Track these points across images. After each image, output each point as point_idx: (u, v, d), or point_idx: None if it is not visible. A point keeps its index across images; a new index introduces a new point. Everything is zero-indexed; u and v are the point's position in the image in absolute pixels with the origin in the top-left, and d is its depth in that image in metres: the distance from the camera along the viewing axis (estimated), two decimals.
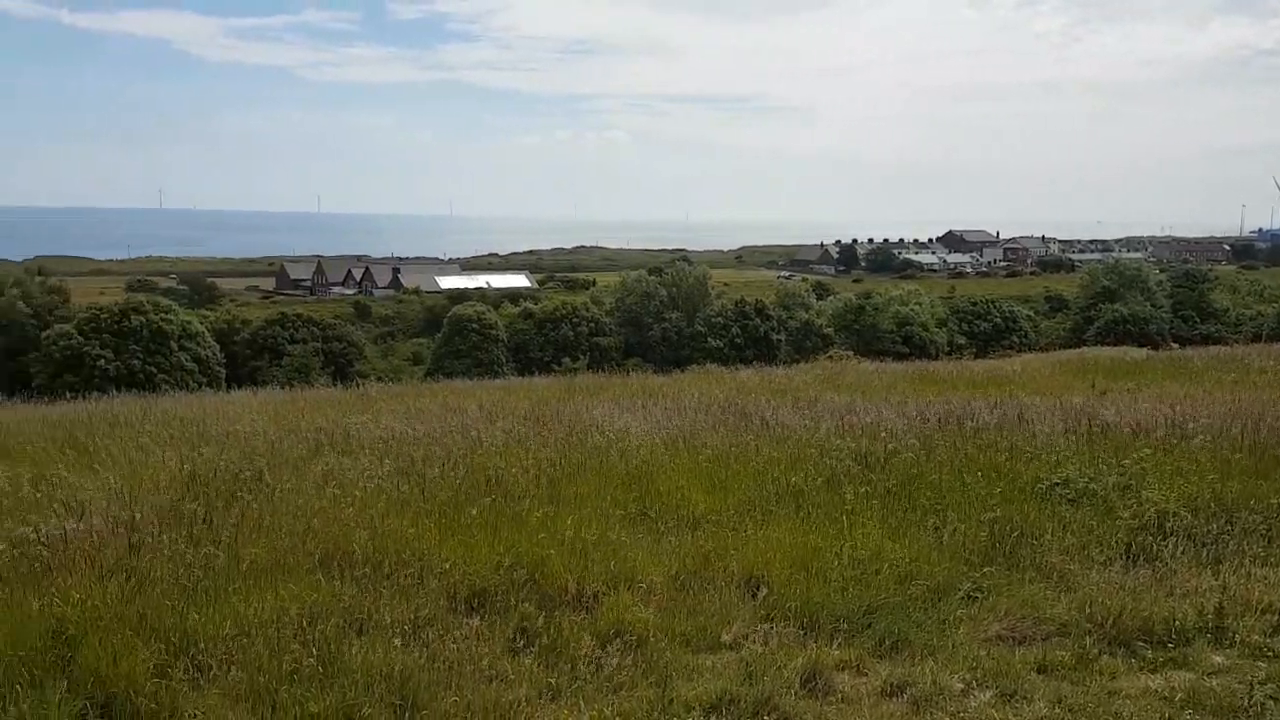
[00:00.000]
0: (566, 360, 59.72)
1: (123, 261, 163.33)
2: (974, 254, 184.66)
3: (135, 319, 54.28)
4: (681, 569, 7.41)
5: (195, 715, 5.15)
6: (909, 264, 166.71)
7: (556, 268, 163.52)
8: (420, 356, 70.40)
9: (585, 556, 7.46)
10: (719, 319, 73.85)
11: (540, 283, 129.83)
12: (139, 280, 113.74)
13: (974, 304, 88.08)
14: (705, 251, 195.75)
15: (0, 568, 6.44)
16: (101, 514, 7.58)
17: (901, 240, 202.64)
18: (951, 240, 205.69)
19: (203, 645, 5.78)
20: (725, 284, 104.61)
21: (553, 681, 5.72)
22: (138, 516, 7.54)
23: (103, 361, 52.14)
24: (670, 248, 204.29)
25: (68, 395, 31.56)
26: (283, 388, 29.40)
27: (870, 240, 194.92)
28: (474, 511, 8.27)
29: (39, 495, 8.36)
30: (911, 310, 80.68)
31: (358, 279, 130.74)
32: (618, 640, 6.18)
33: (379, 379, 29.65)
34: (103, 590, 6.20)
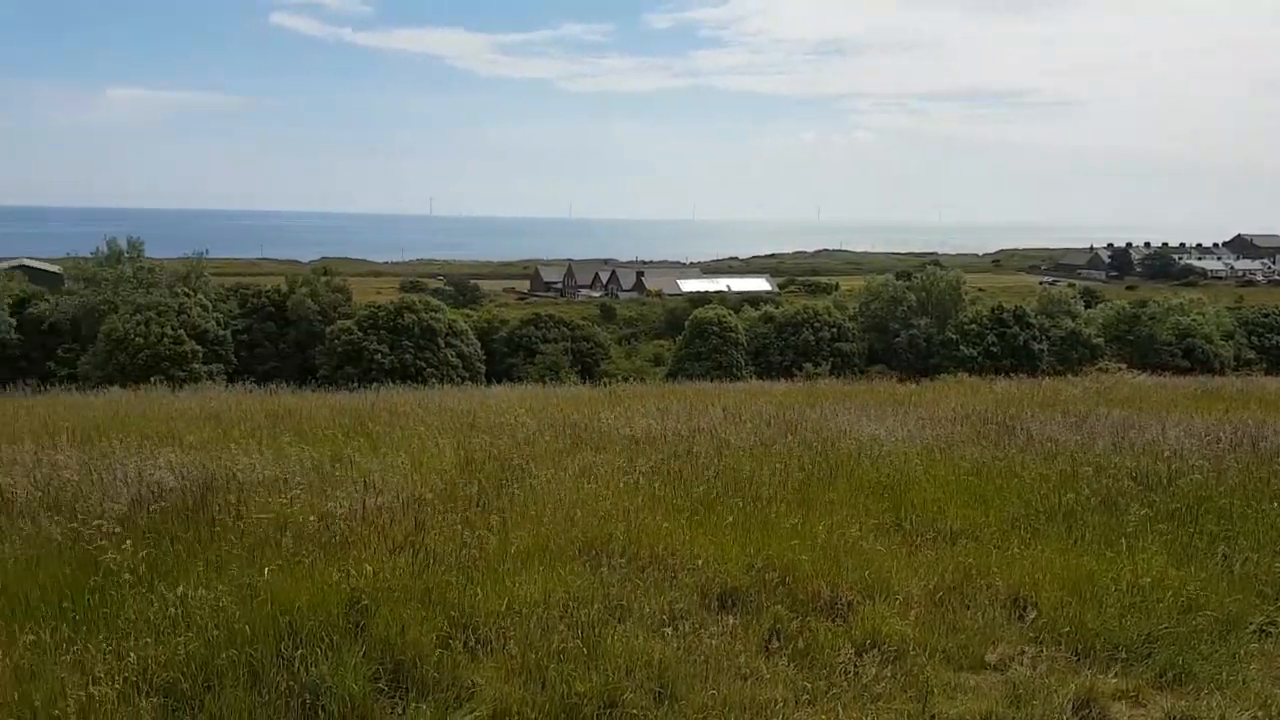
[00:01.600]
0: (808, 365, 59.07)
1: (397, 264, 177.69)
2: (1265, 260, 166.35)
3: (408, 317, 58.88)
4: (939, 584, 7.17)
5: (475, 685, 5.52)
6: (1190, 270, 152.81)
7: (797, 271, 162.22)
8: (661, 358, 71.91)
9: (837, 563, 7.38)
10: (973, 326, 70.51)
11: (781, 286, 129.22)
12: (411, 281, 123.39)
13: (1265, 315, 79.26)
14: (958, 255, 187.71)
15: (307, 539, 7.16)
16: (391, 493, 8.26)
17: (1182, 245, 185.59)
18: (1240, 245, 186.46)
19: (480, 620, 6.19)
20: (980, 289, 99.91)
21: (808, 685, 5.70)
22: (428, 496, 8.19)
23: (379, 355, 56.90)
24: (919, 251, 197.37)
25: (351, 385, 34.85)
26: (536, 384, 31.04)
27: (1146, 244, 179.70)
28: (726, 514, 8.37)
29: (338, 474, 9.24)
30: (1193, 320, 73.63)
31: (604, 281, 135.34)
32: (874, 650, 6.07)
33: (623, 378, 30.57)
34: (393, 564, 6.76)
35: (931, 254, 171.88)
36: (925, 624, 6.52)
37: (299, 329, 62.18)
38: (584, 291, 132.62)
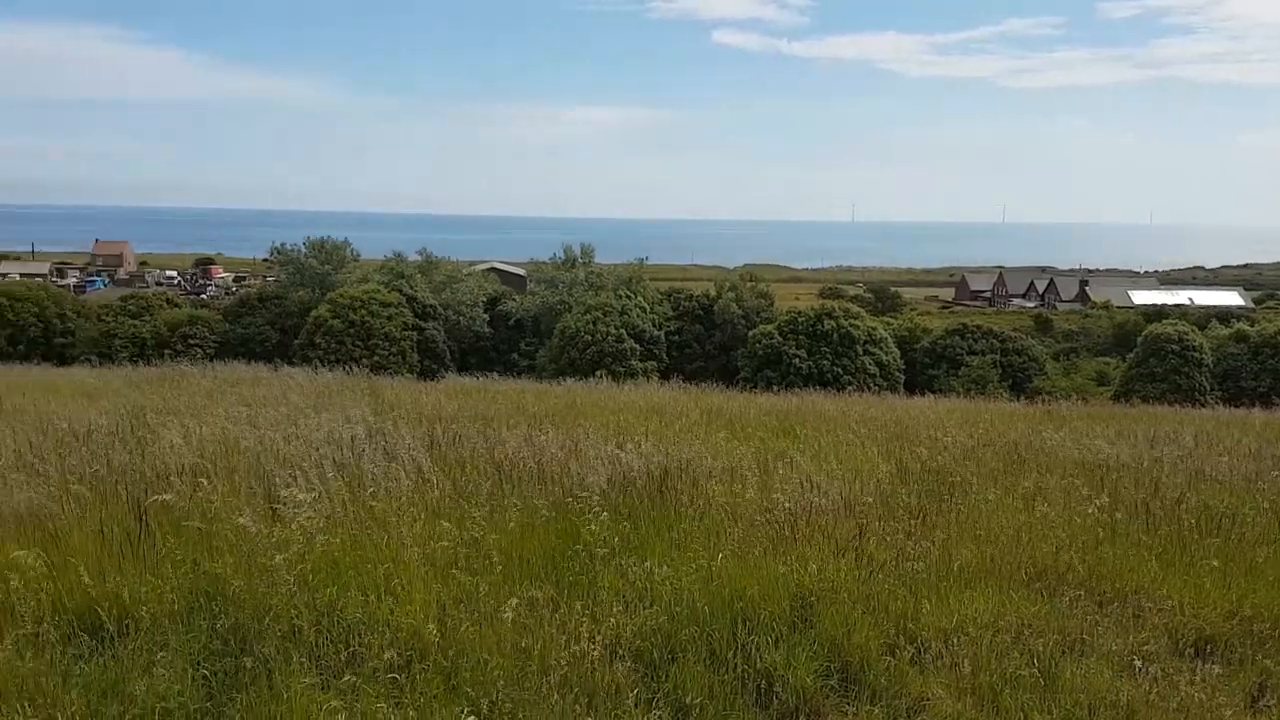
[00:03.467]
0: None
1: (816, 270, 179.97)
2: None
3: (827, 323, 59.41)
4: None
5: (926, 699, 5.45)
6: None
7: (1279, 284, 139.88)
8: (1106, 376, 65.61)
9: None
10: None
11: (1257, 301, 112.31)
12: (830, 288, 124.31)
13: None
14: None
15: (755, 530, 7.51)
16: (831, 496, 8.40)
17: None
18: None
19: (925, 634, 6.10)
20: None
21: None
22: (868, 502, 8.25)
23: (797, 360, 58.01)
24: None
25: (772, 388, 35.89)
26: (960, 397, 29.80)
27: None
28: (1204, 554, 7.49)
29: (780, 471, 9.57)
30: None
31: (1039, 291, 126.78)
32: None
33: (1061, 396, 28.34)
34: (836, 566, 6.87)
35: None
36: None
37: (724, 332, 65.20)
38: (1016, 301, 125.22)
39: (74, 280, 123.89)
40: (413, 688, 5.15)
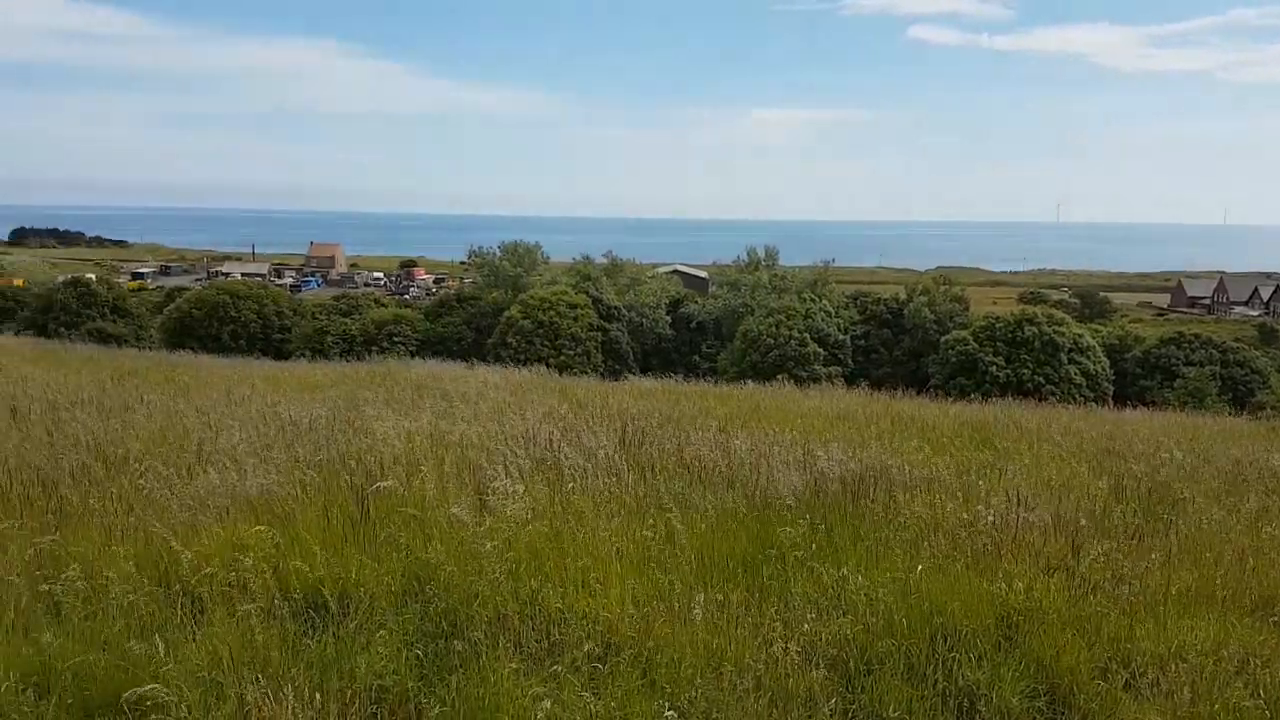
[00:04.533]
0: None
1: (1016, 274, 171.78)
2: None
3: (1028, 330, 56.61)
4: None
5: None
6: None
7: None
8: None
9: None
10: None
11: None
12: (1031, 292, 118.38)
13: None
14: None
15: (956, 543, 7.27)
16: (1039, 511, 8.02)
17: None
18: None
19: (1140, 660, 5.74)
20: None
21: None
22: (1081, 520, 7.82)
23: (994, 368, 55.56)
24: None
25: (968, 397, 34.47)
26: (1177, 411, 27.70)
27: None
28: None
29: (981, 483, 9.22)
30: None
31: (1264, 298, 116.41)
32: None
33: None
34: (1045, 584, 6.55)
35: None
36: None
37: (914, 337, 63.30)
38: (1238, 309, 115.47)
39: (290, 280, 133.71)
40: (611, 680, 5.28)
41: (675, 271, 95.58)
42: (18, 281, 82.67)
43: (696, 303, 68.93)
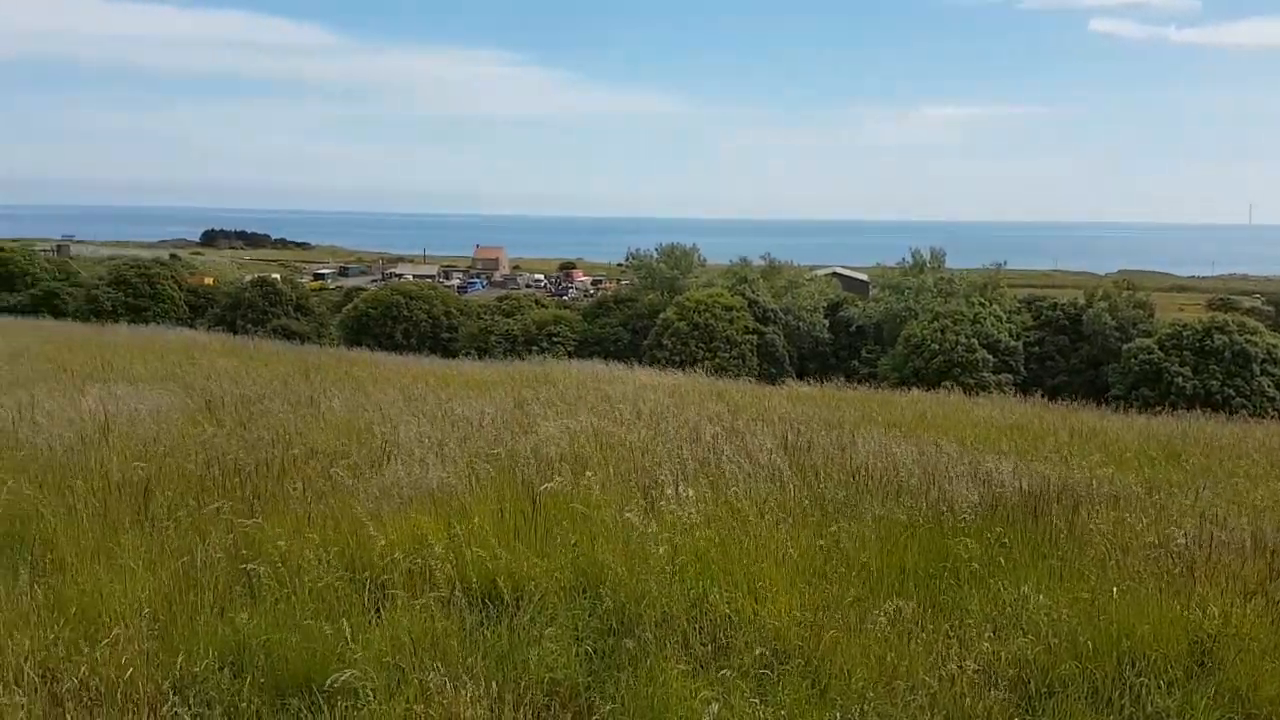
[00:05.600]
0: None
1: (1204, 279, 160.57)
2: None
3: (1217, 338, 52.80)
4: None
5: None
6: None
7: None
8: None
9: None
10: None
11: None
12: (1221, 299, 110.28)
13: None
14: None
15: (1145, 563, 6.85)
16: (1232, 531, 7.48)
17: None
18: None
19: None
20: None
21: None
22: None
23: (1180, 379, 52.09)
24: None
25: (1152, 409, 32.43)
26: None
27: None
28: None
29: (1169, 503, 8.67)
30: None
31: None
32: None
33: None
34: (1243, 610, 6.10)
35: None
36: None
37: (1093, 345, 60.04)
38: None
39: (457, 281, 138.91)
40: (780, 687, 5.23)
41: (834, 274, 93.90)
42: (209, 280, 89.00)
43: (857, 306, 67.48)
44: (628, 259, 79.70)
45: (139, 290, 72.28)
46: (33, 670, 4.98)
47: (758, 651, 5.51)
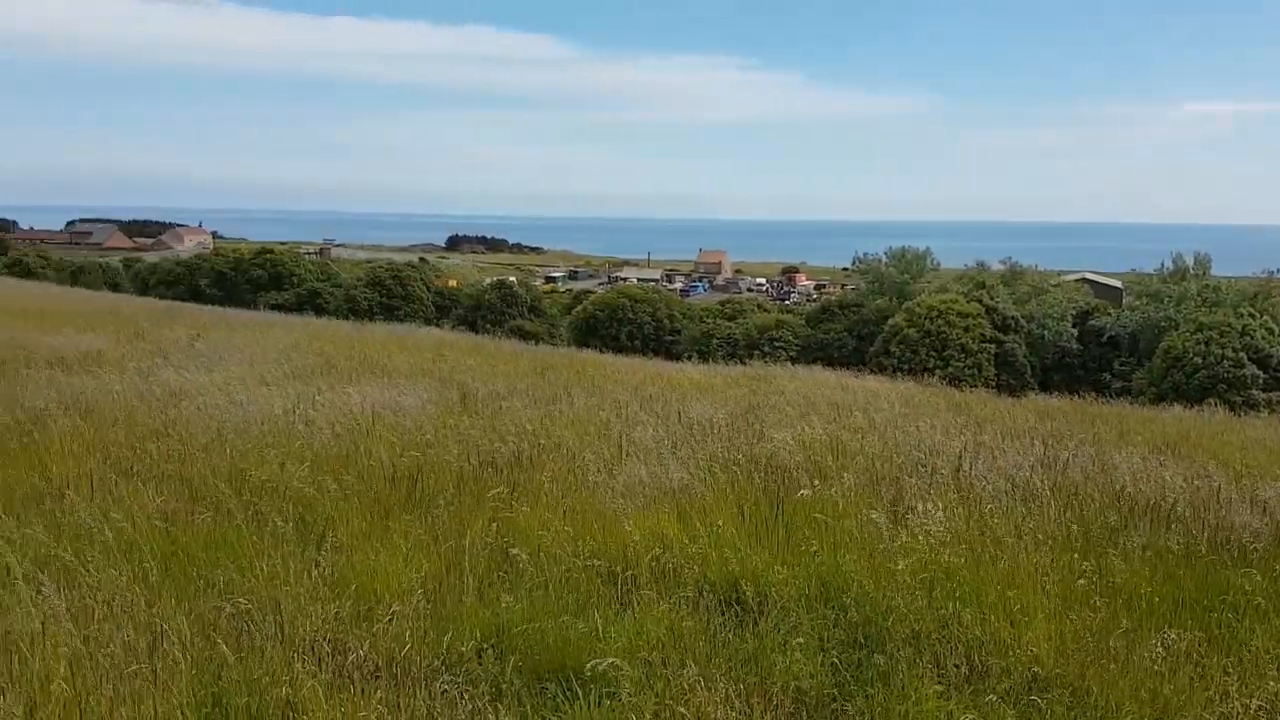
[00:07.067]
0: None
1: None
2: None
3: None
4: None
5: None
6: None
7: None
8: None
9: None
10: None
11: None
12: None
13: None
14: None
15: None
16: None
17: None
18: None
19: None
20: None
21: None
22: None
23: None
24: None
25: None
26: None
27: None
28: None
29: None
30: None
31: None
32: None
33: None
34: None
35: None
36: None
37: None
38: None
39: (680, 285, 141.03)
40: (1045, 716, 4.95)
41: (1083, 280, 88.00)
42: (452, 283, 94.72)
43: (1109, 314, 62.85)
44: (854, 263, 78.09)
45: (392, 291, 78.00)
46: (326, 642, 5.45)
47: (1016, 677, 5.23)
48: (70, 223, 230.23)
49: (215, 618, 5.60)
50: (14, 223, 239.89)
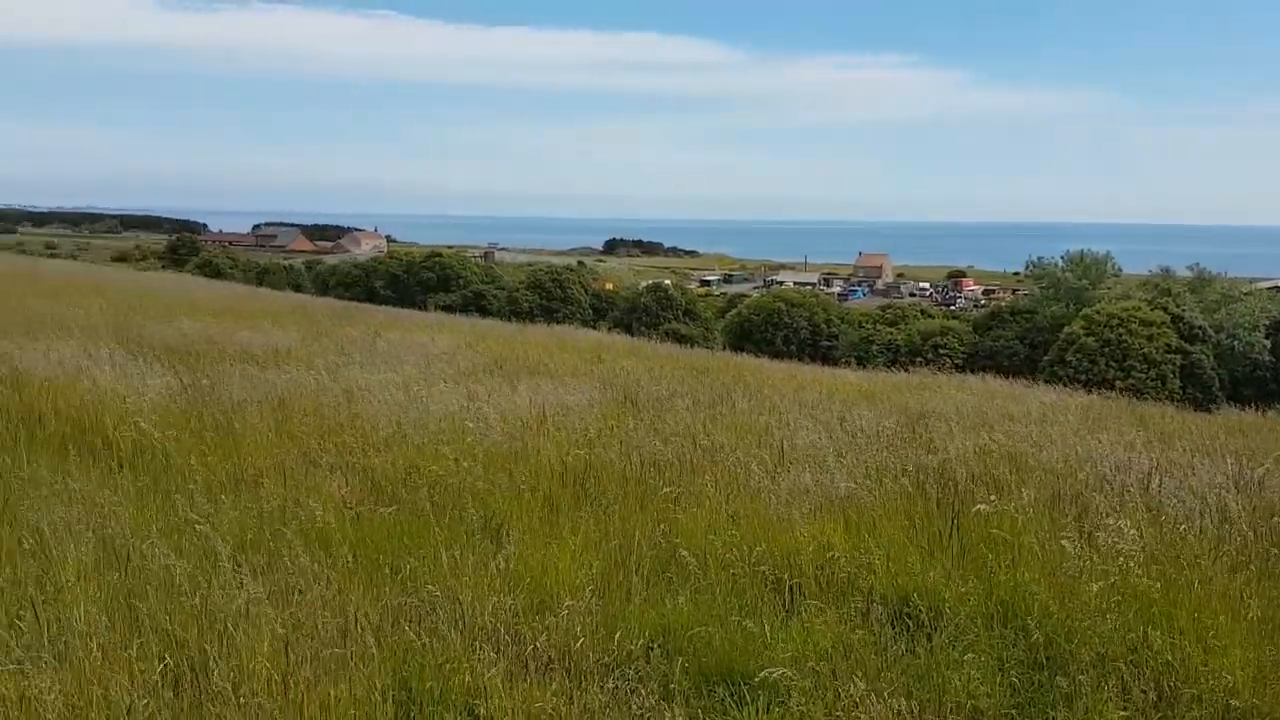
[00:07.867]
0: None
1: None
2: None
3: None
4: None
5: None
6: None
7: None
8: None
9: None
10: None
11: None
12: None
13: None
14: None
15: None
16: None
17: None
18: None
19: None
20: None
21: None
22: None
23: None
24: None
25: None
26: None
27: None
28: None
29: None
30: None
31: None
32: None
33: None
34: None
35: None
36: None
37: None
38: None
39: (838, 289, 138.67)
40: None
41: (1277, 288, 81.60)
42: (609, 285, 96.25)
43: None
44: (1028, 267, 74.79)
45: (551, 293, 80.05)
46: (505, 633, 5.65)
47: (1208, 706, 4.92)
48: (256, 226, 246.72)
49: (402, 605, 5.90)
50: (204, 225, 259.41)
